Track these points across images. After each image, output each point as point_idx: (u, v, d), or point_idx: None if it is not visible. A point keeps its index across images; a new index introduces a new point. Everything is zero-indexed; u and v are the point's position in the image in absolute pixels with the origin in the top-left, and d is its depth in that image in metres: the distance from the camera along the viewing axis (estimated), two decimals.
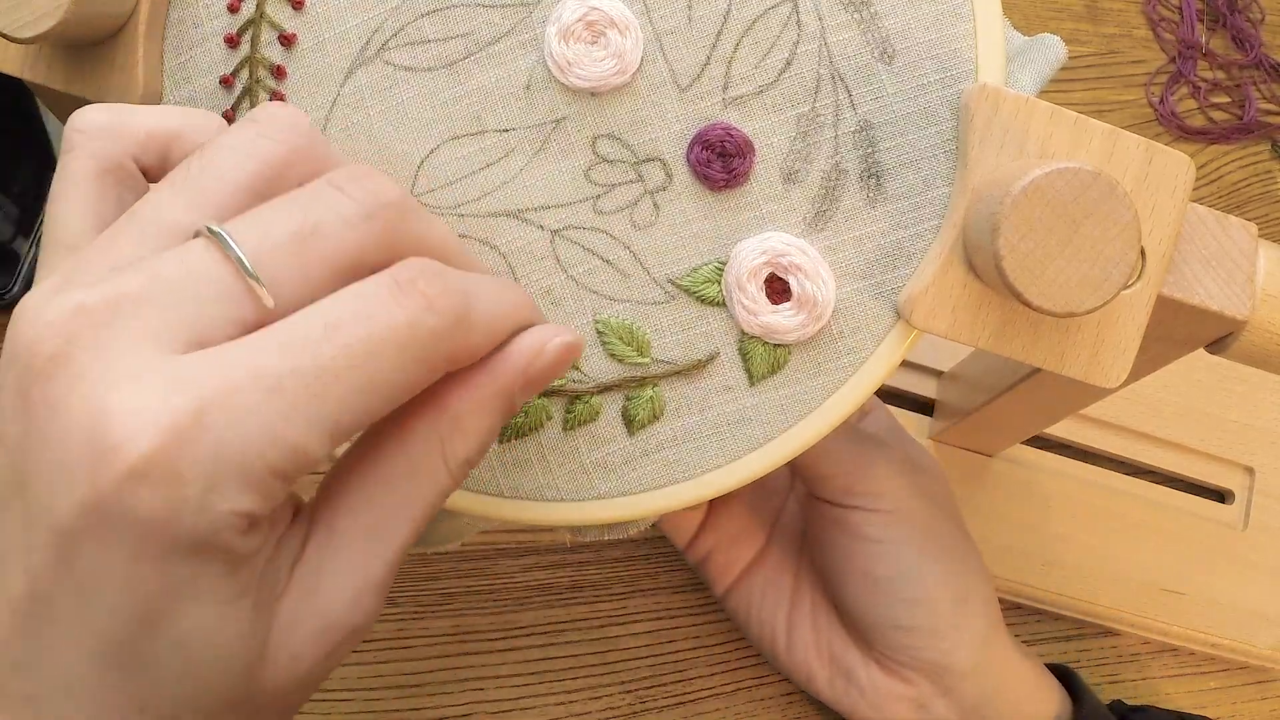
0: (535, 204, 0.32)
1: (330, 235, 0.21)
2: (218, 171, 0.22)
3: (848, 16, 0.31)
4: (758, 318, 0.31)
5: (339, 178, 0.23)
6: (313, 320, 0.20)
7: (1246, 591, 0.51)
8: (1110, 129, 0.29)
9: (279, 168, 0.23)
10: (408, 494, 0.23)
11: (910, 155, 0.31)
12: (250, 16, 0.32)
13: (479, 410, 0.23)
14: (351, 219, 0.22)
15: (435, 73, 0.32)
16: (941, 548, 0.40)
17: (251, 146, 0.23)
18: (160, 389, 0.19)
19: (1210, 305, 0.30)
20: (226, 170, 0.22)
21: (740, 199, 0.31)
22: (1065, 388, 0.39)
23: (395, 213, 0.22)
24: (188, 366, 0.19)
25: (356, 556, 0.22)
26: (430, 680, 0.47)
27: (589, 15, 0.30)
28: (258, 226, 0.21)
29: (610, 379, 0.32)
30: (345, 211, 0.22)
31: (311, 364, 0.20)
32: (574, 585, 0.49)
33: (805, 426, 0.32)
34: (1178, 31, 0.62)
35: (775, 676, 0.48)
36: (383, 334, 0.20)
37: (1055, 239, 0.27)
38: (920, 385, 0.52)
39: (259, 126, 0.23)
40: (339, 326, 0.20)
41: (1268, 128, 0.61)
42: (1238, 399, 0.53)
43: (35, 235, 0.49)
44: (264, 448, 0.19)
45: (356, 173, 0.23)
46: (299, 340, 0.20)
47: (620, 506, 0.33)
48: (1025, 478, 0.51)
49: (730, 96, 0.31)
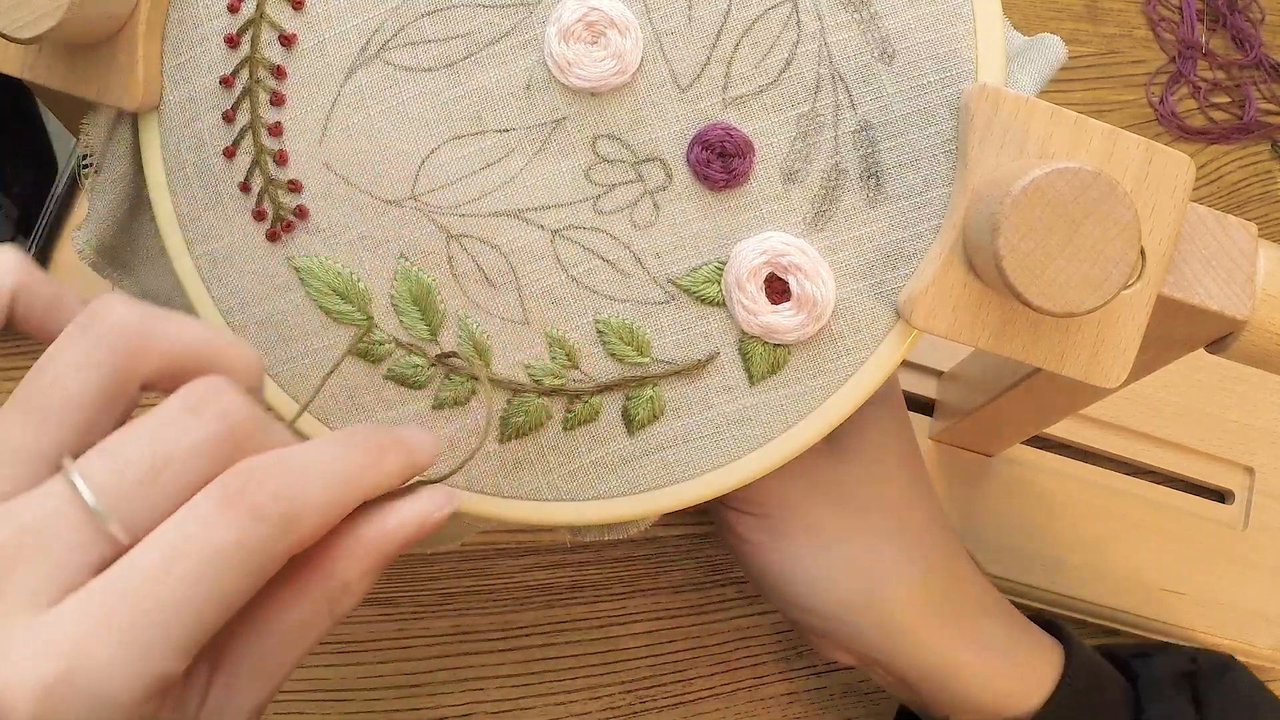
0: (535, 204, 0.32)
1: (181, 465, 0.23)
2: (64, 393, 0.24)
3: (848, 16, 0.31)
4: (758, 318, 0.31)
5: (193, 397, 0.24)
6: (153, 556, 0.22)
7: (1246, 591, 0.51)
8: (1110, 129, 0.29)
9: (121, 376, 0.24)
10: (300, 644, 0.26)
11: (910, 155, 0.31)
12: (250, 16, 0.32)
13: (367, 576, 0.26)
14: (202, 446, 0.23)
15: (435, 73, 0.32)
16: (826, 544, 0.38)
17: (89, 359, 0.24)
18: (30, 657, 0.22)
19: (1210, 305, 0.30)
20: (72, 390, 0.24)
21: (740, 199, 0.31)
22: (1065, 388, 0.39)
23: (244, 431, 0.24)
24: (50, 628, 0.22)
25: (254, 694, 0.25)
26: (430, 680, 0.47)
27: (589, 15, 0.30)
28: (111, 462, 0.23)
29: (610, 379, 0.32)
30: (196, 438, 0.23)
31: (156, 604, 0.22)
32: (574, 585, 0.49)
33: (805, 426, 0.32)
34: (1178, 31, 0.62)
35: (775, 676, 0.48)
36: (215, 558, 0.22)
37: (1055, 239, 0.27)
38: (920, 385, 0.52)
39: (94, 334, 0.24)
40: (175, 559, 0.22)
41: (1268, 128, 0.61)
42: (1238, 399, 0.53)
43: (35, 235, 0.49)
44: (130, 684, 0.22)
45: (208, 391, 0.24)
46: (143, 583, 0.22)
47: (620, 506, 0.33)
48: (1025, 478, 0.51)
49: (730, 96, 0.31)
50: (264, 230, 0.33)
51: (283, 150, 0.32)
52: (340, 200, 0.32)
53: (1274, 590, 0.51)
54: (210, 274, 0.33)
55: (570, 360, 0.32)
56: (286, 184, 0.32)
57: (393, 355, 0.33)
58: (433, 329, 0.32)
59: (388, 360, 0.33)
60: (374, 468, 0.26)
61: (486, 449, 0.33)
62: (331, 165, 0.32)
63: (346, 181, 0.32)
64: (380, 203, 0.32)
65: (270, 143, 0.32)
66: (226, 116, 0.32)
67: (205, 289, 0.33)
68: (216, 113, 0.32)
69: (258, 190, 0.32)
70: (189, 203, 0.33)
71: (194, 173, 0.33)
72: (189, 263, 0.33)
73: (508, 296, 0.32)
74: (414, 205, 0.32)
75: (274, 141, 0.32)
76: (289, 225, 0.32)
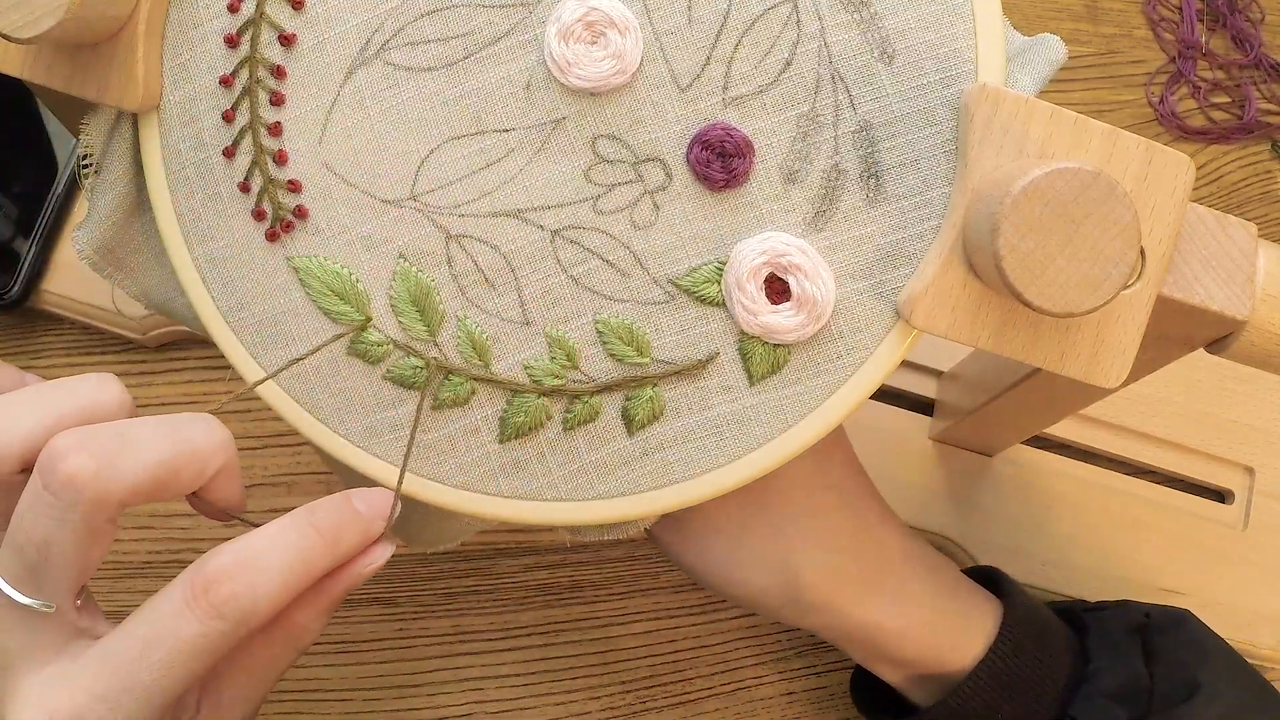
0: (535, 204, 0.32)
1: (61, 539, 0.27)
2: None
3: (848, 16, 0.31)
4: (757, 318, 0.31)
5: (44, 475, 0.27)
6: (132, 640, 0.28)
7: (1246, 591, 0.51)
8: (1110, 129, 0.29)
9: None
10: (270, 674, 0.31)
11: (910, 155, 0.31)
12: (250, 16, 0.32)
13: (321, 618, 0.30)
14: (67, 517, 0.27)
15: (435, 73, 0.32)
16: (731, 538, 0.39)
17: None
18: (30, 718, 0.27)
19: (1210, 305, 0.30)
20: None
21: (740, 199, 0.31)
22: (1065, 388, 0.39)
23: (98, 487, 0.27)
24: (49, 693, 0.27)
25: (238, 713, 0.31)
26: (430, 680, 0.47)
27: (589, 15, 0.30)
28: (11, 554, 0.28)
29: (610, 379, 0.32)
30: (56, 515, 0.27)
31: (135, 682, 0.27)
32: (574, 585, 0.49)
33: (805, 426, 0.32)
34: (1178, 31, 0.62)
35: (775, 676, 0.49)
36: (184, 648, 0.27)
37: (1055, 239, 0.27)
38: (920, 385, 0.52)
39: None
40: (150, 648, 0.27)
41: (1268, 128, 0.61)
42: (1238, 399, 0.53)
43: (35, 235, 0.49)
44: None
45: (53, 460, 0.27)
46: (124, 665, 0.27)
47: (620, 506, 0.33)
48: (1025, 478, 0.51)
49: (730, 96, 0.31)
50: (263, 230, 0.33)
51: (282, 150, 0.32)
52: (340, 200, 0.32)
53: (1274, 590, 0.51)
54: (210, 274, 0.33)
55: (570, 360, 0.32)
56: (286, 184, 0.32)
57: (391, 356, 0.33)
58: (431, 329, 0.32)
59: (386, 361, 0.33)
60: (330, 551, 0.29)
61: (487, 449, 0.33)
62: (331, 165, 0.32)
63: (346, 181, 0.32)
64: (379, 203, 0.32)
65: (270, 143, 0.32)
66: (226, 116, 0.32)
67: (205, 289, 0.33)
68: (216, 113, 0.32)
69: (257, 190, 0.32)
70: (189, 203, 0.33)
71: (194, 173, 0.33)
72: (189, 263, 0.33)
73: (507, 297, 0.32)
74: (413, 205, 0.32)
75: (274, 141, 0.32)
76: (288, 225, 0.32)
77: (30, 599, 0.28)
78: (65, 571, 0.28)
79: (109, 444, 0.27)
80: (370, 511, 0.30)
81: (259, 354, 0.33)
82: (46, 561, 0.28)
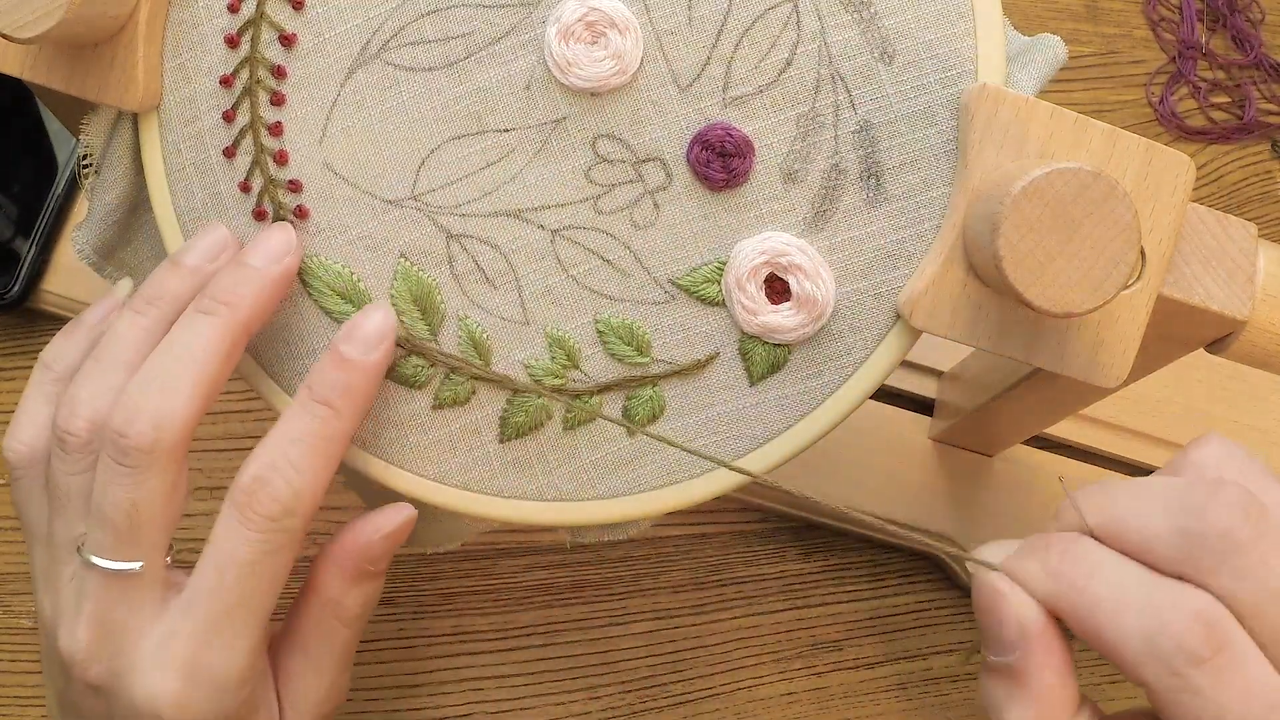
0: (535, 204, 0.32)
1: (146, 499, 0.30)
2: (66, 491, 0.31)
3: (848, 16, 0.31)
4: (757, 317, 0.31)
5: (112, 441, 0.30)
6: (206, 573, 0.30)
7: None
8: (1110, 129, 0.29)
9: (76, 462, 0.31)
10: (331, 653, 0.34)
11: (910, 155, 0.31)
12: (250, 16, 0.32)
13: (349, 586, 0.33)
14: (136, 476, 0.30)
15: (436, 73, 0.32)
16: None
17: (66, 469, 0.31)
18: (158, 669, 0.30)
19: (1210, 305, 0.30)
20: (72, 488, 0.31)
21: (740, 199, 0.31)
22: (1065, 388, 0.39)
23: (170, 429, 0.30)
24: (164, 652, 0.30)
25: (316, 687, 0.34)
26: (430, 680, 0.47)
27: (589, 15, 0.30)
28: (99, 528, 0.30)
29: (610, 379, 0.32)
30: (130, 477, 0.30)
31: (225, 606, 0.30)
32: (574, 585, 0.49)
33: (805, 426, 0.32)
34: (1178, 31, 0.62)
35: (775, 676, 0.48)
36: (251, 557, 0.30)
37: (1055, 239, 0.27)
38: (920, 385, 0.52)
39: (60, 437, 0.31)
40: (222, 569, 0.30)
41: (1268, 128, 0.61)
42: (1238, 399, 0.53)
43: (35, 235, 0.49)
44: (229, 669, 0.30)
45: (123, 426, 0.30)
46: (209, 596, 0.30)
47: (620, 507, 0.33)
48: (1025, 478, 0.51)
49: (730, 96, 0.31)
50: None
51: (283, 150, 0.32)
52: (340, 200, 0.32)
53: None
54: None
55: (570, 360, 0.32)
56: (286, 184, 0.32)
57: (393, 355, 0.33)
58: (432, 329, 0.32)
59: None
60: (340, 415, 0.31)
61: (487, 449, 0.33)
62: (332, 165, 0.32)
63: (347, 181, 0.32)
64: (380, 202, 0.32)
65: (270, 143, 0.32)
66: (226, 116, 0.32)
67: None
68: (216, 113, 0.32)
69: (258, 190, 0.32)
70: (189, 203, 0.33)
71: (194, 173, 0.33)
72: None
73: (508, 296, 0.32)
74: (414, 205, 0.32)
75: (274, 141, 0.32)
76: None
77: (126, 563, 0.30)
78: (155, 528, 0.30)
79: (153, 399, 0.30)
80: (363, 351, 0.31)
81: (259, 353, 0.33)
82: (137, 524, 0.30)
